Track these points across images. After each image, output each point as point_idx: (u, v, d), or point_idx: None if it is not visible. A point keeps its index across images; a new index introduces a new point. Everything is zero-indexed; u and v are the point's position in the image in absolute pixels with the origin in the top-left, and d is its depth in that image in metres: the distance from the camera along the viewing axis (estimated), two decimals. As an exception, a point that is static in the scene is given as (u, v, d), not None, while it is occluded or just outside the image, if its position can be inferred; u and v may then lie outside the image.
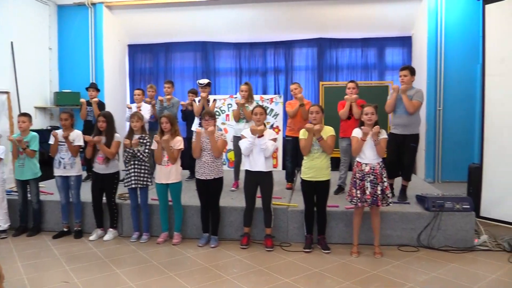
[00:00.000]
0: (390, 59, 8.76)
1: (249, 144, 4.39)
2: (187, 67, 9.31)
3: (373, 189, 4.11)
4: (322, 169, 4.30)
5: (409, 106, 4.94)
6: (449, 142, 7.43)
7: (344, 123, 5.57)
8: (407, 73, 5.03)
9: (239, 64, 9.16)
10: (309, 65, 8.99)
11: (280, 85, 9.09)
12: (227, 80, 9.26)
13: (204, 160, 4.53)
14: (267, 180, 4.46)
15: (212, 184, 4.54)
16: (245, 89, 5.81)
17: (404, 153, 5.05)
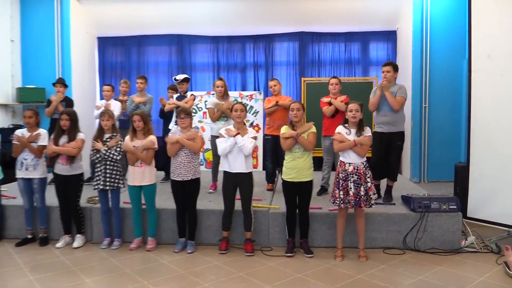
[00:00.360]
0: (374, 54, 8.86)
1: (229, 145, 4.37)
2: (161, 62, 9.23)
3: (356, 190, 4.15)
4: (304, 169, 4.32)
5: (394, 103, 5.02)
6: (435, 140, 7.57)
7: (327, 121, 5.60)
8: (390, 69, 5.12)
9: (216, 58, 9.12)
10: (290, 60, 9.03)
11: (260, 81, 9.09)
12: (204, 76, 9.22)
13: (180, 160, 4.50)
14: (246, 181, 4.46)
15: (188, 185, 4.51)
16: (220, 85, 5.81)
17: (391, 152, 5.13)
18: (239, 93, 8.38)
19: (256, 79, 9.09)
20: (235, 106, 4.51)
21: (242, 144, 4.36)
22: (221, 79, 5.88)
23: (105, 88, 6.50)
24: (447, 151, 7.49)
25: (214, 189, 5.92)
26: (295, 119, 4.35)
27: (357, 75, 8.87)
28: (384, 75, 5.15)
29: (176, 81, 6.15)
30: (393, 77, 5.16)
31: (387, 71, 5.13)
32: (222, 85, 5.80)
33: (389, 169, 5.22)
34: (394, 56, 8.80)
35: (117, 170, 4.68)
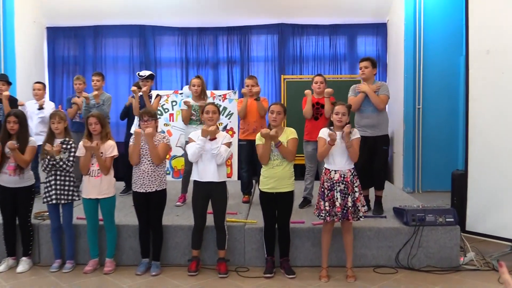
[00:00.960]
0: (363, 49, 9.00)
1: (197, 148, 4.36)
2: (121, 56, 9.16)
3: (343, 201, 4.19)
4: (284, 178, 4.33)
5: (379, 102, 5.17)
6: (430, 145, 7.69)
7: (309, 124, 5.65)
8: (368, 65, 5.26)
9: (185, 53, 9.10)
10: (269, 56, 9.08)
11: (234, 78, 9.11)
12: (171, 73, 9.20)
13: (143, 168, 4.46)
14: (219, 192, 4.45)
15: (153, 198, 4.47)
16: (197, 84, 5.81)
17: (377, 157, 5.23)
18: (211, 93, 8.35)
19: (230, 76, 9.11)
20: (207, 107, 4.50)
21: (216, 151, 4.34)
22: (199, 77, 5.89)
23: (35, 86, 6.49)
24: (444, 157, 7.61)
25: (183, 201, 5.89)
26: (273, 123, 4.36)
27: (344, 72, 8.99)
28: (361, 71, 5.30)
29: (140, 77, 6.11)
30: (371, 74, 5.30)
31: (364, 66, 5.27)
32: (199, 84, 5.82)
33: (375, 177, 5.31)
34: (384, 51, 8.94)
35: (70, 181, 4.60)
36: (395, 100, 8.16)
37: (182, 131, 7.67)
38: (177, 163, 8.08)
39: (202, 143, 4.38)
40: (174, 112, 8.22)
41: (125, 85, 8.37)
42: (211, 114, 4.46)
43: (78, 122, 6.52)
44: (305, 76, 8.70)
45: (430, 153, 7.70)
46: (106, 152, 4.54)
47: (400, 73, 7.80)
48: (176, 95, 8.29)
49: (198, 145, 4.37)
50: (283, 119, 4.42)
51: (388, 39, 8.82)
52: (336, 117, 4.27)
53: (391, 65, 8.66)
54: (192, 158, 4.42)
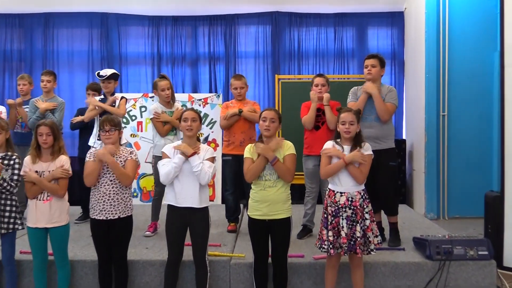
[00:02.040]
0: (374, 43, 9.04)
1: (174, 168, 4.33)
2: (78, 51, 9.13)
3: (351, 230, 4.19)
4: (278, 202, 4.32)
5: (384, 111, 5.24)
6: (458, 161, 7.67)
7: (309, 135, 5.68)
8: (376, 63, 5.34)
9: (157, 47, 9.09)
10: (260, 51, 9.09)
11: (218, 79, 9.11)
12: (139, 71, 9.17)
13: (104, 190, 4.43)
14: (200, 219, 4.42)
15: (116, 226, 4.44)
16: (167, 86, 5.84)
17: (382, 176, 5.27)
18: (189, 96, 8.37)
19: (213, 76, 9.10)
20: (185, 114, 4.47)
21: (199, 169, 4.32)
22: (165, 78, 5.92)
23: None
24: (474, 175, 7.59)
25: (154, 231, 5.87)
26: (266, 133, 4.36)
27: (352, 71, 9.01)
28: (368, 70, 5.36)
29: (101, 77, 6.09)
30: (379, 75, 5.38)
31: (371, 65, 5.34)
32: (168, 86, 5.84)
33: (384, 199, 5.36)
34: (401, 45, 9.00)
35: (12, 205, 4.57)
36: (414, 105, 8.21)
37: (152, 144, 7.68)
38: (147, 183, 8.06)
39: (179, 162, 4.36)
40: (143, 120, 8.21)
41: (82, 87, 8.24)
42: (189, 122, 4.42)
43: (20, 132, 6.47)
44: (304, 76, 8.71)
45: (458, 171, 7.69)
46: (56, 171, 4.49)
47: (421, 73, 7.82)
48: (145, 99, 8.28)
49: (175, 163, 4.36)
50: (277, 128, 4.41)
51: (406, 31, 8.88)
52: (342, 127, 4.28)
53: (410, 63, 8.72)
54: (166, 179, 4.38)
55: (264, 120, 4.37)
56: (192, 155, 4.34)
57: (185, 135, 4.45)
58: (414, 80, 8.30)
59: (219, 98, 8.36)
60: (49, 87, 6.49)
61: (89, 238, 4.70)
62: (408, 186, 8.51)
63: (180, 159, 4.32)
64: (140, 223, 6.05)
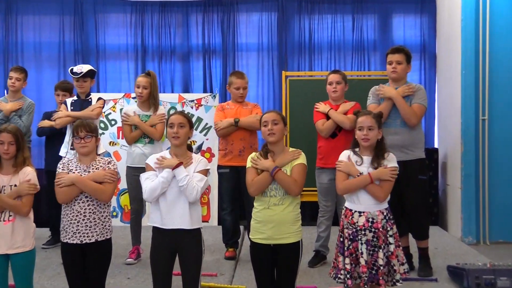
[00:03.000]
0: (400, 34, 9.03)
1: (161, 182, 4.32)
2: (46, 43, 9.12)
3: (371, 256, 4.17)
4: (285, 223, 4.29)
5: (410, 115, 5.23)
6: (501, 174, 7.63)
7: (325, 144, 5.68)
8: (402, 59, 5.37)
9: (141, 38, 9.09)
10: (264, 43, 9.08)
11: (214, 76, 9.11)
12: (121, 67, 9.17)
13: (78, 208, 4.41)
14: (191, 244, 4.40)
15: (92, 252, 4.41)
16: (143, 84, 5.89)
17: (409, 192, 5.26)
18: (179, 96, 8.37)
19: (208, 73, 9.09)
20: (171, 118, 4.45)
21: (186, 182, 4.31)
22: (148, 75, 5.96)
23: None
24: (520, 192, 7.59)
25: (136, 257, 5.87)
26: (271, 138, 4.31)
27: (373, 67, 9.00)
28: (392, 67, 5.36)
29: (74, 75, 6.10)
30: (405, 72, 5.40)
31: (397, 61, 5.36)
32: (145, 84, 5.87)
33: (412, 220, 5.34)
34: (433, 37, 8.98)
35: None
36: (448, 108, 8.20)
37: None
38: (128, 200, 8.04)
39: (168, 176, 4.31)
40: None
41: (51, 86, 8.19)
42: (176, 128, 4.37)
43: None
44: (317, 73, 8.69)
45: (501, 186, 7.63)
46: (21, 186, 4.46)
47: (456, 69, 7.81)
48: (127, 99, 8.29)
49: (163, 178, 4.32)
50: (284, 131, 4.37)
51: (438, 19, 8.87)
52: (360, 133, 4.27)
53: (443, 57, 8.71)
54: (150, 195, 4.33)
55: (265, 124, 4.33)
56: (177, 166, 4.31)
57: (172, 144, 4.43)
58: (448, 78, 8.28)
59: (215, 99, 8.35)
60: (17, 86, 6.53)
61: (60, 266, 4.71)
62: (441, 204, 8.47)
63: (169, 173, 4.29)
64: (121, 248, 6.05)
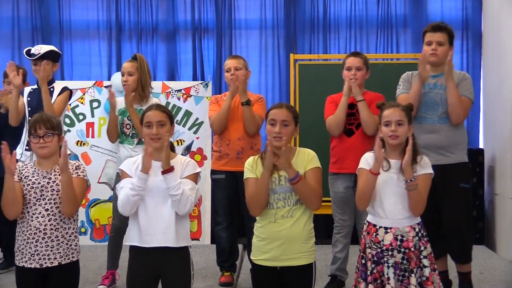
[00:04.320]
0: (437, 7, 9.03)
1: (130, 190, 4.32)
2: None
3: (401, 283, 4.19)
4: (296, 241, 4.31)
5: (458, 107, 5.20)
6: None
7: (339, 144, 5.71)
8: (444, 39, 5.37)
9: (115, 13, 9.12)
10: (268, 19, 9.10)
11: (206, 59, 9.14)
12: (90, 49, 9.20)
13: (36, 224, 4.42)
14: (177, 266, 4.43)
15: (54, 277, 4.45)
16: (128, 70, 5.92)
17: (449, 204, 5.28)
18: (163, 84, 8.40)
19: (198, 56, 9.12)
20: (147, 115, 4.44)
21: (179, 192, 4.32)
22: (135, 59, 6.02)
23: None
24: None
25: (110, 284, 5.88)
26: (277, 143, 4.23)
27: (403, 48, 9.02)
28: (432, 49, 5.34)
29: (31, 57, 6.14)
30: (446, 55, 5.35)
31: (438, 42, 5.34)
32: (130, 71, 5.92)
33: (452, 238, 5.35)
34: (477, 12, 8.98)
35: None
36: (497, 99, 8.20)
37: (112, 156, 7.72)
38: (101, 213, 8.08)
39: (140, 184, 4.31)
40: (96, 120, 8.25)
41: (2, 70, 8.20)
42: (155, 129, 4.39)
43: None
44: (333, 56, 8.73)
45: None
46: None
47: (507, 51, 7.85)
48: (99, 89, 8.32)
49: (132, 185, 4.28)
50: (293, 134, 4.39)
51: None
52: (387, 130, 4.27)
53: (490, 37, 8.71)
54: (124, 207, 4.36)
55: (273, 123, 4.29)
56: (168, 171, 4.30)
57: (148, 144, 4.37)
58: (497, 62, 8.29)
59: (207, 88, 8.38)
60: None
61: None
62: (488, 218, 8.47)
63: (141, 178, 4.26)
64: (91, 272, 6.08)
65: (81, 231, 7.95)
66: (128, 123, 5.87)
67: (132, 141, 5.86)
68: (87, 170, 4.72)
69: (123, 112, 5.92)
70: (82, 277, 4.66)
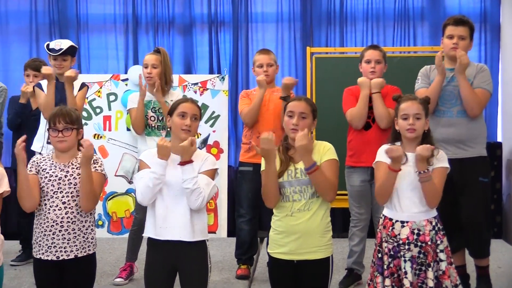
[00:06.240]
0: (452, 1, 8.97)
1: (152, 180, 4.30)
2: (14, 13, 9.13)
3: (418, 277, 4.18)
4: (313, 234, 4.29)
5: (473, 100, 5.17)
6: None
7: (356, 137, 5.71)
8: (466, 34, 5.33)
9: (132, 7, 9.11)
10: (284, 12, 9.08)
11: (222, 52, 9.12)
12: (107, 43, 9.19)
13: (53, 217, 4.42)
14: (193, 260, 4.42)
15: (71, 270, 4.45)
16: (152, 63, 5.94)
17: (467, 198, 5.26)
18: (179, 78, 8.40)
19: (215, 49, 9.11)
20: (183, 106, 4.42)
21: (191, 186, 4.29)
22: (158, 52, 6.05)
23: None
24: None
25: (127, 276, 5.89)
26: (294, 135, 4.25)
27: (421, 41, 8.99)
28: (453, 43, 5.30)
29: (53, 52, 6.14)
30: (467, 50, 5.32)
31: (460, 36, 5.30)
32: (154, 63, 5.95)
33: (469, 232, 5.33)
34: (496, 4, 8.94)
35: None
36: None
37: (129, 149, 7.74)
38: (118, 206, 8.08)
39: (160, 171, 4.32)
40: (113, 113, 8.27)
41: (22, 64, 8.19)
42: (189, 120, 4.41)
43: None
44: (350, 49, 8.71)
45: None
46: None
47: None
48: (116, 82, 8.34)
49: (154, 174, 4.30)
50: (311, 127, 4.37)
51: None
52: (404, 123, 4.27)
53: (508, 30, 8.66)
54: (144, 197, 4.34)
55: (291, 115, 4.29)
56: (185, 163, 4.28)
57: (178, 138, 4.40)
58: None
59: (223, 81, 8.37)
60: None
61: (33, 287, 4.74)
62: (506, 213, 8.45)
63: (161, 165, 4.26)
64: (108, 265, 6.08)
65: (98, 224, 7.96)
66: (152, 115, 5.87)
67: (160, 134, 5.85)
68: (104, 163, 4.71)
69: (145, 105, 5.91)
70: (99, 270, 4.67)
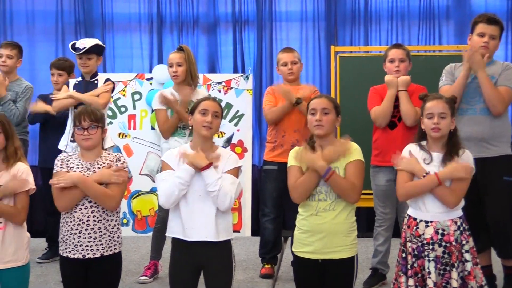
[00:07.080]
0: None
1: (179, 184, 4.31)
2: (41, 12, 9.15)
3: (442, 277, 4.16)
4: (338, 234, 4.29)
5: (495, 98, 5.12)
6: None
7: (382, 136, 5.71)
8: (497, 33, 5.28)
9: (156, 7, 9.12)
10: (308, 11, 9.05)
11: (246, 52, 9.10)
12: (132, 42, 9.20)
13: (80, 216, 4.44)
14: (218, 259, 4.42)
15: (97, 268, 4.47)
16: (177, 61, 5.93)
17: (492, 197, 5.21)
18: (204, 77, 8.40)
19: (239, 48, 9.10)
20: (204, 103, 4.41)
21: (217, 188, 4.26)
22: (181, 50, 6.03)
23: None
24: None
25: (152, 274, 5.89)
26: (318, 131, 4.26)
27: (446, 40, 8.93)
28: (484, 42, 5.25)
29: (77, 51, 6.16)
30: (495, 49, 5.30)
31: (491, 35, 5.25)
32: (179, 61, 5.92)
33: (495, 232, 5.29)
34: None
35: None
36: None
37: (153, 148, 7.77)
38: (142, 204, 8.09)
39: (187, 178, 4.30)
40: (138, 112, 8.30)
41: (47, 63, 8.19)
42: (210, 117, 4.37)
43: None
44: (374, 48, 8.68)
45: None
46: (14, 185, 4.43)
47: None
48: (140, 81, 8.36)
49: (179, 179, 4.28)
50: (335, 123, 4.34)
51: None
52: (429, 122, 4.24)
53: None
54: (167, 201, 4.32)
55: (313, 113, 4.27)
56: (206, 167, 4.26)
57: (199, 135, 4.40)
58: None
59: (247, 80, 8.36)
60: (10, 65, 6.60)
61: (58, 285, 4.76)
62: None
63: (188, 172, 4.24)
64: (133, 263, 6.09)
65: (123, 223, 7.97)
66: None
67: (184, 133, 5.86)
68: (129, 162, 4.72)
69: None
70: (124, 268, 4.68)
